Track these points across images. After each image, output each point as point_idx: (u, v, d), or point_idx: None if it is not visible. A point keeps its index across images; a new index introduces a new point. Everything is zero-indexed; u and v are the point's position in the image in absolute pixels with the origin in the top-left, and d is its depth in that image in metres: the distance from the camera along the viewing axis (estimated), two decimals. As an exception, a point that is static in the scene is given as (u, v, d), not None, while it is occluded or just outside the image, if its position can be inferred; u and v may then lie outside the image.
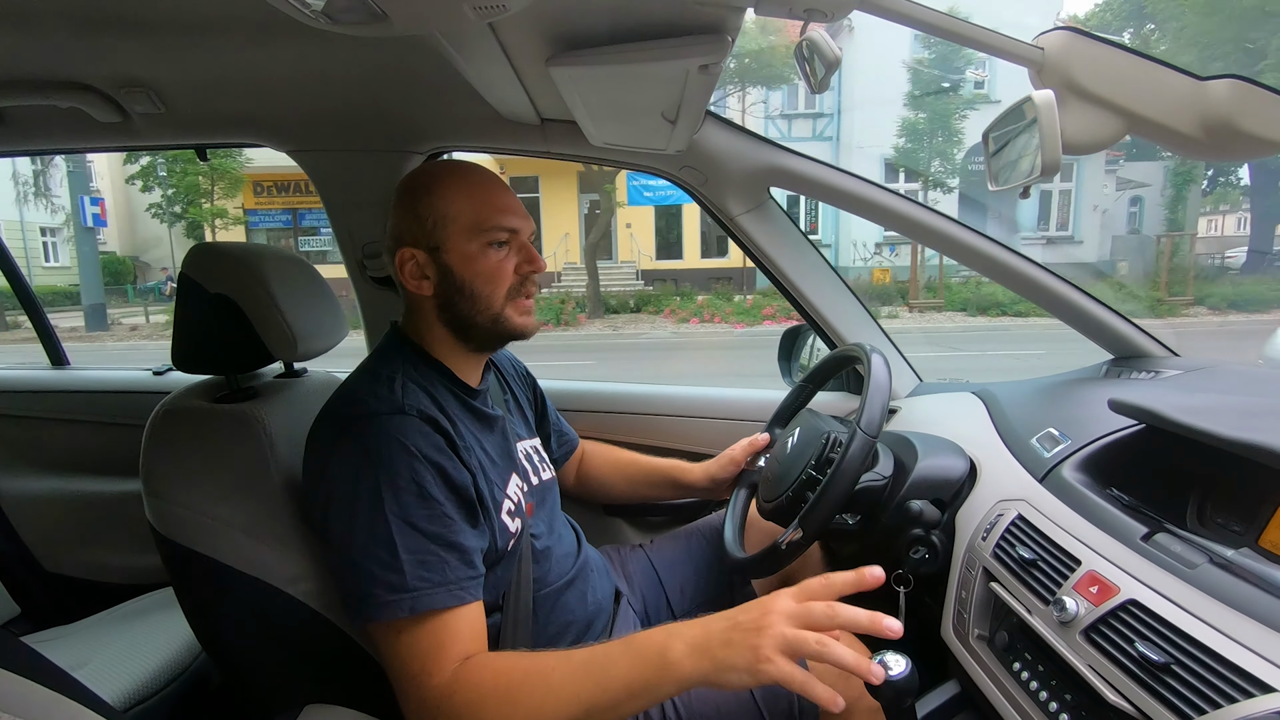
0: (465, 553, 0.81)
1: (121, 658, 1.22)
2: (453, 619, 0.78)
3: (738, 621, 0.70)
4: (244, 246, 1.02)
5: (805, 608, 0.69)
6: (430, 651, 0.77)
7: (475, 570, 0.82)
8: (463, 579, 0.80)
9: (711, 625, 0.72)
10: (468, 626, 0.80)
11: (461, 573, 0.80)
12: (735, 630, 0.69)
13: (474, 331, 0.94)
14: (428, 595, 0.77)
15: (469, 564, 0.82)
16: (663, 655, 0.71)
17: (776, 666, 0.65)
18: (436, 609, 0.77)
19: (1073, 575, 0.73)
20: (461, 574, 0.80)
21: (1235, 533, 0.74)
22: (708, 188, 1.41)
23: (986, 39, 0.82)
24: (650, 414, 1.61)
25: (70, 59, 1.10)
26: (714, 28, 0.79)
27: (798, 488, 0.99)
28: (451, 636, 0.78)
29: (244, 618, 0.93)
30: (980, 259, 1.27)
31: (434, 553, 0.79)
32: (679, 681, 0.70)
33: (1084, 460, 0.88)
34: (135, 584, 1.56)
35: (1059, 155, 0.77)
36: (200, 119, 1.35)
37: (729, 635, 0.69)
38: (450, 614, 0.78)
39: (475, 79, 1.06)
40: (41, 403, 1.79)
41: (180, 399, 0.96)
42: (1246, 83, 0.75)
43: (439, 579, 0.78)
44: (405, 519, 0.78)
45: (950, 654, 0.88)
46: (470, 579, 0.81)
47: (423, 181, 0.93)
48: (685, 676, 0.70)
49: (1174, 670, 0.58)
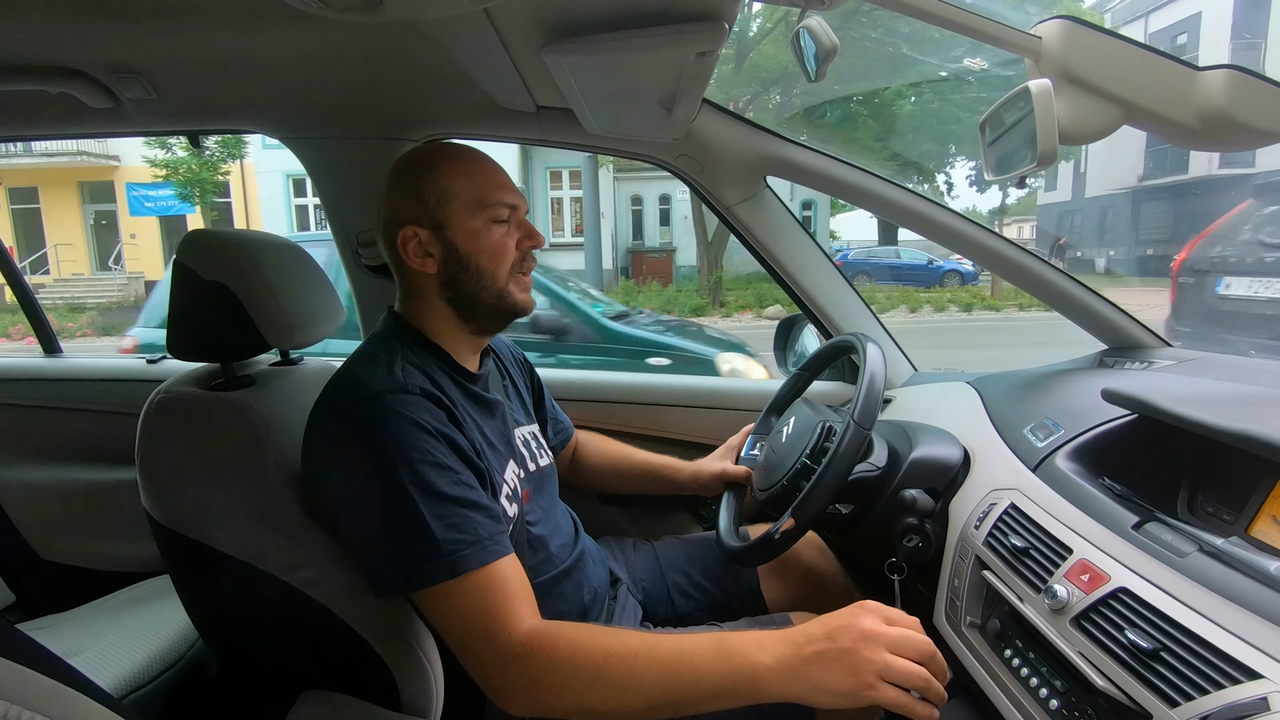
0: (490, 509, 0.82)
1: (117, 645, 1.22)
2: (496, 574, 0.78)
3: (832, 642, 0.69)
4: (240, 233, 1.01)
5: (903, 635, 0.69)
6: (489, 610, 0.76)
7: (502, 525, 0.83)
8: (495, 533, 0.80)
9: (799, 642, 0.71)
10: (514, 578, 0.80)
11: (491, 528, 0.80)
12: (830, 651, 0.69)
13: (478, 309, 0.95)
14: (464, 555, 0.77)
15: (495, 519, 0.82)
16: (754, 667, 0.70)
17: (880, 693, 0.66)
18: (474, 567, 0.77)
19: (1064, 563, 0.73)
20: (492, 529, 0.80)
21: (1225, 521, 0.75)
22: (704, 176, 1.40)
23: (984, 27, 0.81)
24: (646, 403, 1.61)
25: (61, 44, 1.08)
26: (711, 15, 0.79)
27: (792, 476, 1.00)
28: (503, 593, 0.77)
29: (240, 605, 0.93)
30: (976, 248, 1.27)
31: (461, 514, 0.79)
32: (768, 696, 0.70)
33: (1076, 450, 0.89)
34: (130, 572, 1.56)
35: (1055, 145, 0.76)
36: (192, 106, 1.33)
37: (824, 654, 0.69)
38: (491, 570, 0.78)
39: (470, 66, 1.05)
40: (35, 391, 1.78)
41: (176, 386, 0.96)
42: (1243, 73, 0.75)
43: (471, 538, 0.78)
44: (424, 488, 0.78)
45: (943, 641, 0.89)
46: (500, 533, 0.81)
47: (422, 160, 0.93)
48: (775, 693, 0.70)
49: (1162, 657, 0.59)
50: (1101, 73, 0.79)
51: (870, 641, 0.68)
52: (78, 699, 0.51)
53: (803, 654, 0.70)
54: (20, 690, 0.46)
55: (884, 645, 0.68)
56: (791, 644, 0.71)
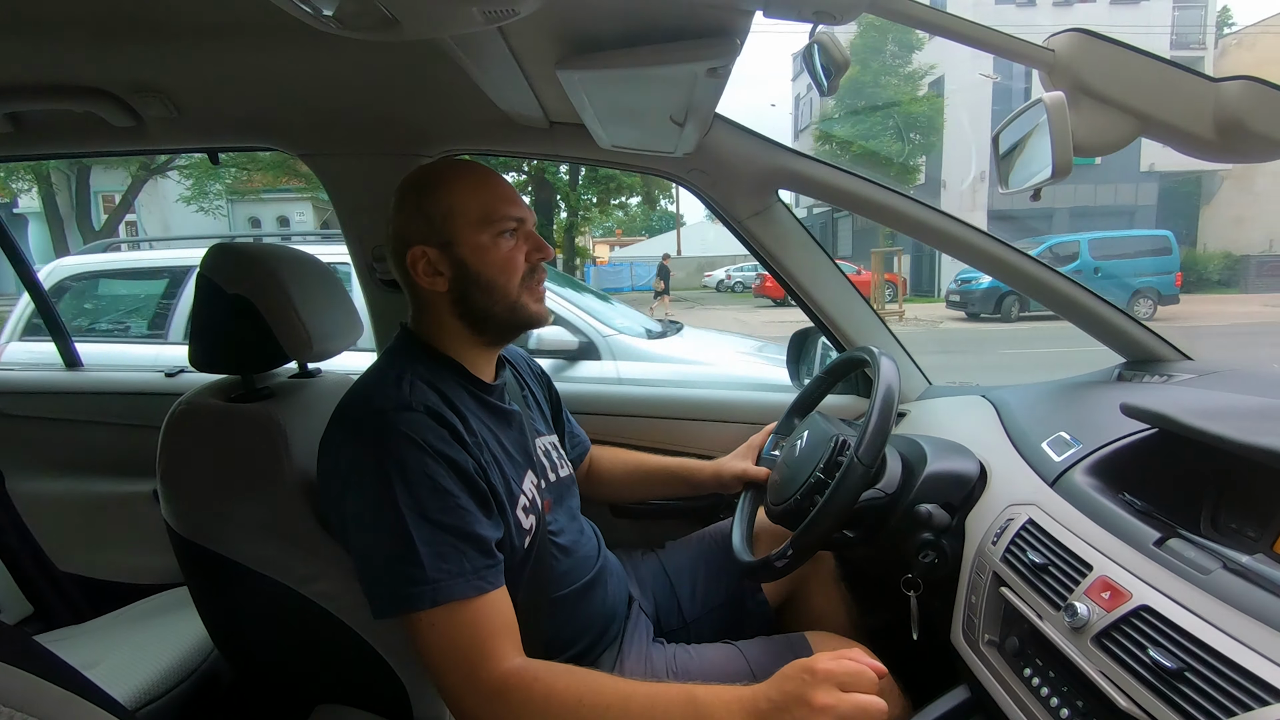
0: (482, 542, 0.82)
1: (133, 657, 1.22)
2: (480, 608, 0.79)
3: (785, 692, 0.71)
4: (262, 247, 1.02)
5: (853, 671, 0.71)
6: (470, 644, 0.77)
7: (494, 559, 0.83)
8: (481, 568, 0.80)
9: (762, 710, 0.72)
10: (497, 615, 0.80)
11: (480, 562, 0.81)
12: (785, 700, 0.71)
13: (491, 323, 0.95)
14: (448, 585, 0.77)
15: (487, 553, 0.82)
16: None
17: None
18: (458, 599, 0.77)
19: (1084, 580, 0.72)
20: (480, 563, 0.80)
21: (1250, 538, 0.73)
22: (716, 190, 1.41)
23: (997, 41, 0.81)
24: (660, 417, 1.61)
25: (84, 64, 1.11)
26: (722, 31, 0.79)
27: (805, 491, 0.99)
28: (486, 628, 0.78)
29: (258, 617, 0.94)
30: (990, 261, 1.26)
31: (451, 544, 0.79)
32: None
33: (1095, 464, 0.88)
34: (147, 584, 1.57)
35: (1070, 157, 0.76)
36: (213, 123, 1.36)
37: (783, 705, 0.71)
38: (476, 603, 0.79)
39: (484, 83, 1.06)
40: (55, 404, 1.81)
41: (197, 398, 0.97)
42: (1259, 84, 0.74)
43: (457, 569, 0.78)
44: (420, 513, 0.79)
45: (960, 659, 0.88)
46: (489, 567, 0.81)
47: (426, 179, 0.94)
48: None
49: (1187, 677, 0.58)
50: (1115, 84, 0.79)
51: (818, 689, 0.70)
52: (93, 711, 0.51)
53: (759, 708, 0.72)
54: (36, 702, 0.47)
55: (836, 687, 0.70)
56: (752, 694, 0.73)
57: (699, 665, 1.04)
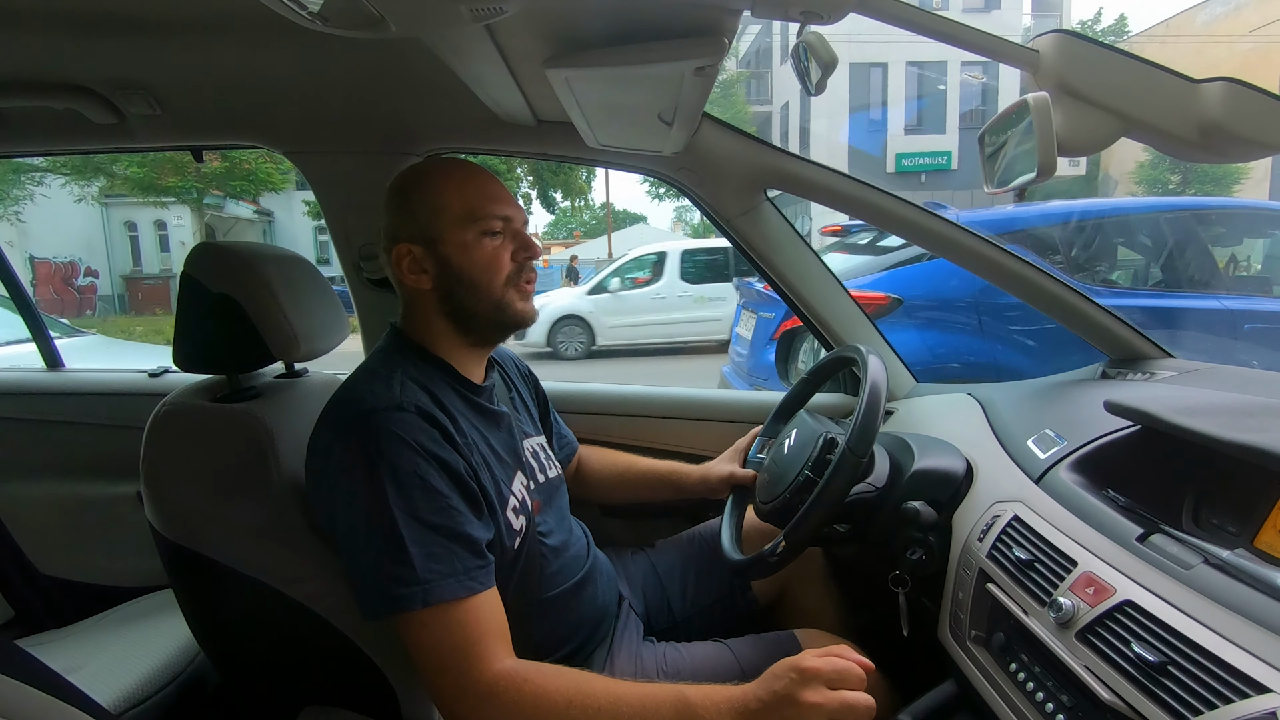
0: (473, 542, 0.82)
1: (117, 661, 1.21)
2: (471, 609, 0.79)
3: (774, 691, 0.73)
4: (247, 246, 1.01)
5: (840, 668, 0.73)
6: (461, 645, 0.77)
7: (485, 559, 0.83)
8: (472, 569, 0.80)
9: (749, 695, 0.74)
10: (488, 616, 0.80)
11: (470, 562, 0.80)
12: (774, 700, 0.72)
13: (476, 321, 0.95)
14: (439, 586, 0.77)
15: (477, 553, 0.82)
16: None
17: None
18: (449, 599, 0.77)
19: (1069, 576, 0.73)
20: (470, 564, 0.80)
21: (1231, 533, 0.74)
22: (704, 189, 1.41)
23: (982, 41, 0.82)
24: (647, 416, 1.61)
25: (66, 60, 1.10)
26: (710, 30, 0.79)
27: (794, 490, 0.99)
28: (477, 628, 0.79)
29: (244, 619, 0.93)
30: (978, 260, 1.27)
31: (442, 544, 0.79)
32: None
33: (1080, 461, 0.89)
34: (130, 587, 1.55)
35: (1055, 157, 0.77)
36: (197, 121, 1.35)
37: (772, 705, 0.72)
38: (467, 604, 0.79)
39: (471, 81, 1.06)
40: (36, 405, 1.78)
41: (181, 398, 0.96)
42: (1239, 85, 0.75)
43: (448, 570, 0.78)
44: (410, 513, 0.79)
45: (947, 655, 0.89)
46: (479, 568, 0.81)
47: (413, 177, 0.94)
48: None
49: (1169, 671, 0.59)
50: (1099, 85, 0.79)
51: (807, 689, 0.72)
52: (76, 716, 0.50)
53: (748, 708, 0.73)
54: (17, 707, 0.46)
55: (818, 686, 0.72)
56: (742, 693, 0.75)
57: (689, 664, 1.04)
